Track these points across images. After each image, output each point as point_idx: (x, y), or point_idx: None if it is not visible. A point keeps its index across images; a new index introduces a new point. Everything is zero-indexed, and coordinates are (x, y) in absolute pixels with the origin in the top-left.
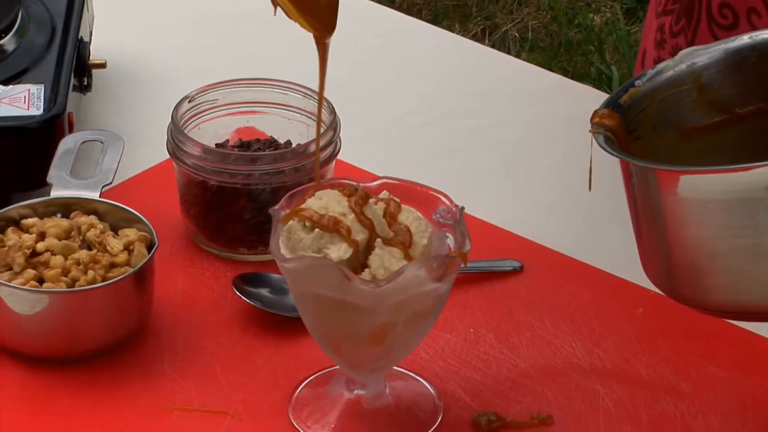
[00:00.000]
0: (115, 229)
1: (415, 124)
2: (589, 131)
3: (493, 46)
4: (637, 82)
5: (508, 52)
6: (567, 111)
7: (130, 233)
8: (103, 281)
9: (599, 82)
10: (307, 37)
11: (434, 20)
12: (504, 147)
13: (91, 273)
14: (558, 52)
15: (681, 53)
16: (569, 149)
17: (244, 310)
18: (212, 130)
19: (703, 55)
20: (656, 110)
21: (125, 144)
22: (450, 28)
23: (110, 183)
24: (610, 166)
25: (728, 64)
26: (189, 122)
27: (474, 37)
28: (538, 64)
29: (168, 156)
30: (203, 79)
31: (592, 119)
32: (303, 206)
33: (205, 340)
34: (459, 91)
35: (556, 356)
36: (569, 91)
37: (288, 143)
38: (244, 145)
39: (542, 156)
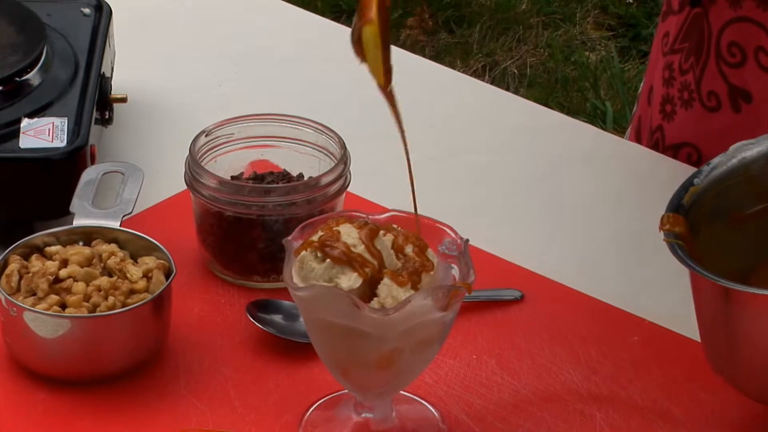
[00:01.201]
0: (134, 257)
1: (422, 159)
2: (663, 240)
3: (492, 82)
4: (696, 180)
5: (507, 88)
6: (565, 146)
7: (149, 261)
8: (122, 307)
9: (594, 116)
10: (319, 74)
11: (437, 57)
12: (505, 181)
13: (111, 299)
14: (555, 87)
15: (732, 148)
16: (567, 182)
17: (257, 335)
18: (228, 163)
19: (753, 148)
20: (712, 204)
21: (145, 175)
22: (452, 65)
23: (130, 212)
24: (609, 199)
25: None
26: (206, 155)
27: (475, 73)
28: (536, 99)
29: (185, 187)
30: (220, 114)
31: (661, 226)
32: (314, 238)
33: (220, 364)
34: (462, 126)
35: (555, 382)
36: (567, 127)
37: (300, 176)
38: (258, 178)
39: (541, 189)
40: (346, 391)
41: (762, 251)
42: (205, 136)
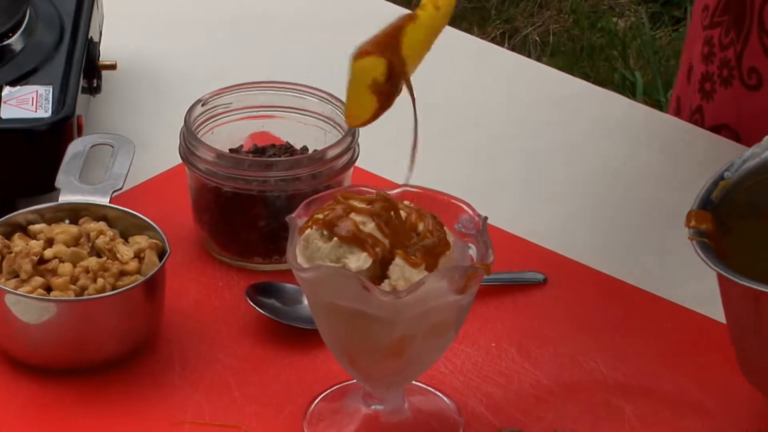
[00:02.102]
0: (125, 236)
1: (435, 131)
2: (688, 238)
3: (512, 51)
4: (726, 174)
5: (529, 57)
6: (592, 117)
7: (141, 240)
8: (112, 290)
9: (623, 88)
10: (325, 40)
11: (451, 23)
12: (527, 155)
13: (100, 281)
14: (580, 57)
15: (765, 139)
16: (595, 157)
17: (257, 320)
18: (226, 135)
19: None
20: (743, 200)
21: (136, 148)
22: (468, 32)
23: (120, 188)
24: (640, 176)
25: None
26: (202, 126)
27: (493, 41)
28: (560, 69)
29: (180, 161)
30: (217, 82)
31: (687, 223)
32: (319, 215)
33: (218, 352)
34: (479, 96)
35: (580, 372)
36: (594, 97)
37: (304, 149)
38: (258, 151)
39: (567, 164)
40: (354, 381)
41: None
42: (202, 105)
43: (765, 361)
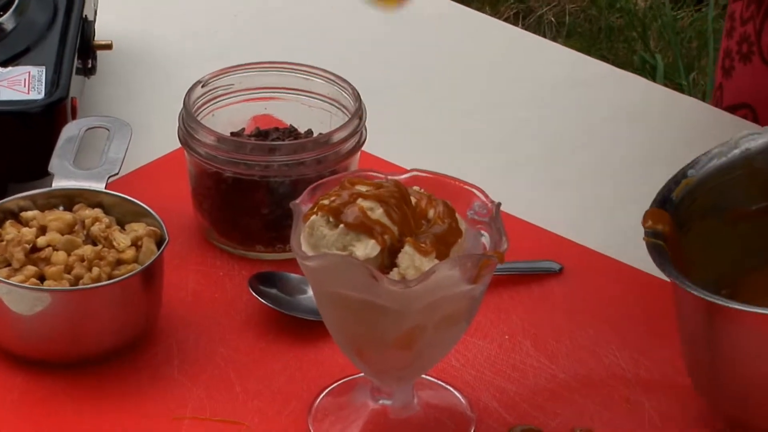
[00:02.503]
0: (121, 224)
1: (446, 114)
2: (643, 239)
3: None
4: (690, 172)
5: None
6: (610, 101)
7: (138, 228)
8: (108, 279)
9: (642, 71)
10: (329, 20)
11: (461, 1)
12: (542, 139)
13: (95, 270)
14: (597, 38)
15: (735, 137)
16: (613, 142)
17: (260, 312)
18: (227, 118)
19: (758, 139)
20: (706, 200)
21: (133, 131)
22: (480, 11)
23: (117, 173)
24: (661, 160)
25: None
26: (202, 108)
27: (506, 22)
28: (576, 51)
29: (179, 145)
30: (218, 63)
31: (643, 222)
32: (325, 201)
33: (218, 344)
34: (492, 79)
35: (599, 366)
36: (613, 79)
37: (309, 132)
38: (261, 134)
39: (584, 149)
40: (362, 374)
41: (758, 254)
42: (202, 86)
43: (715, 374)
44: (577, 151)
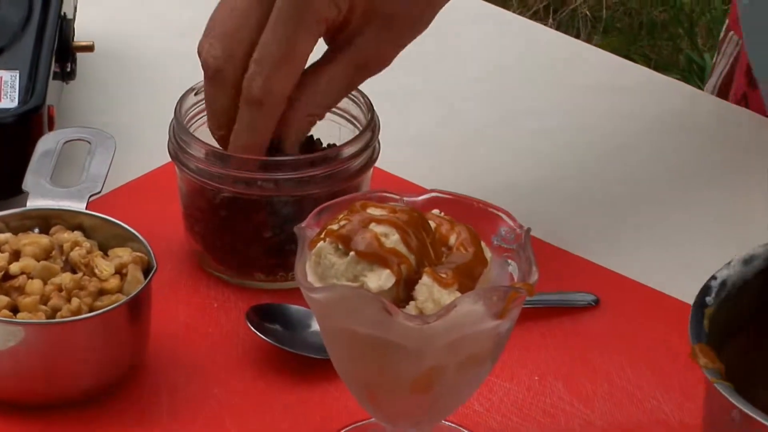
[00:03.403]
0: (104, 249)
1: (468, 127)
2: (711, 381)
3: (558, 27)
4: (707, 300)
5: (577, 35)
6: (651, 110)
7: (123, 254)
8: (89, 311)
9: (689, 72)
10: None
11: None
12: (576, 153)
13: (75, 301)
14: (638, 35)
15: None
16: (655, 157)
17: (259, 348)
18: None
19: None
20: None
21: (117, 144)
22: (505, 4)
23: (99, 192)
24: (712, 179)
25: None
26: (195, 119)
27: (535, 16)
28: (614, 49)
29: (169, 159)
30: None
31: (694, 358)
32: (333, 226)
33: (213, 385)
34: (521, 83)
35: (639, 411)
36: (654, 86)
37: (318, 143)
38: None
39: (623, 165)
40: (373, 419)
41: None
42: (195, 94)
43: None
44: (615, 168)
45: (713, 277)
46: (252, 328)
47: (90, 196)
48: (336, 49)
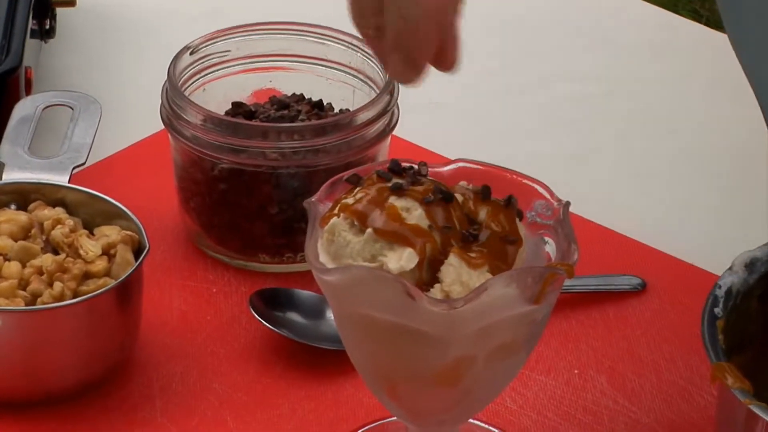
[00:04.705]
0: (89, 227)
1: (498, 90)
2: (746, 403)
3: None
4: (716, 311)
5: None
6: (705, 73)
7: (111, 233)
8: (74, 297)
9: None
10: None
11: None
12: (619, 121)
13: (57, 286)
14: None
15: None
16: (709, 125)
17: (264, 338)
18: (222, 93)
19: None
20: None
21: (102, 110)
22: None
23: (83, 164)
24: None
25: None
26: (191, 81)
27: None
28: (661, 5)
29: (162, 127)
30: (210, 23)
31: (723, 378)
32: (348, 199)
33: (212, 380)
34: (555, 44)
35: (691, 407)
36: (708, 44)
37: (329, 108)
38: (274, 106)
39: (672, 134)
40: (394, 418)
41: None
42: (190, 54)
43: None
44: (664, 137)
45: (717, 286)
46: (256, 315)
47: (73, 168)
48: None
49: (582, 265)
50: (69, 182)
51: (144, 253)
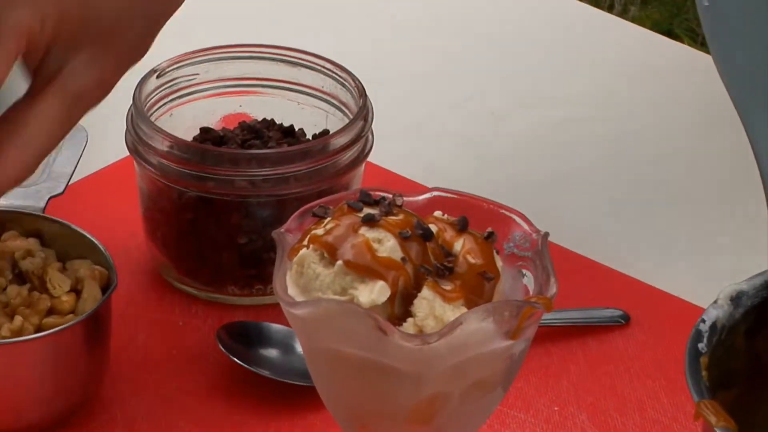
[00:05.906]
0: (63, 259)
1: (477, 115)
2: None
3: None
4: (700, 346)
5: (610, 8)
6: (696, 97)
7: (81, 267)
8: (36, 332)
9: None
10: None
11: None
12: (604, 147)
13: (17, 319)
14: (682, 7)
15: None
16: (698, 151)
17: (233, 374)
18: (190, 118)
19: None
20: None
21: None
22: None
23: (61, 192)
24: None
25: None
26: (157, 106)
27: None
28: (654, 23)
29: (127, 153)
30: (178, 45)
31: (703, 416)
32: (318, 230)
33: (178, 417)
34: (540, 66)
35: None
36: (700, 67)
37: (301, 133)
38: (244, 131)
39: (656, 161)
40: None
41: None
42: (157, 77)
43: None
44: (648, 164)
45: (701, 320)
46: (224, 350)
47: (49, 198)
48: (43, 80)
49: (563, 297)
50: (44, 211)
51: (110, 289)
